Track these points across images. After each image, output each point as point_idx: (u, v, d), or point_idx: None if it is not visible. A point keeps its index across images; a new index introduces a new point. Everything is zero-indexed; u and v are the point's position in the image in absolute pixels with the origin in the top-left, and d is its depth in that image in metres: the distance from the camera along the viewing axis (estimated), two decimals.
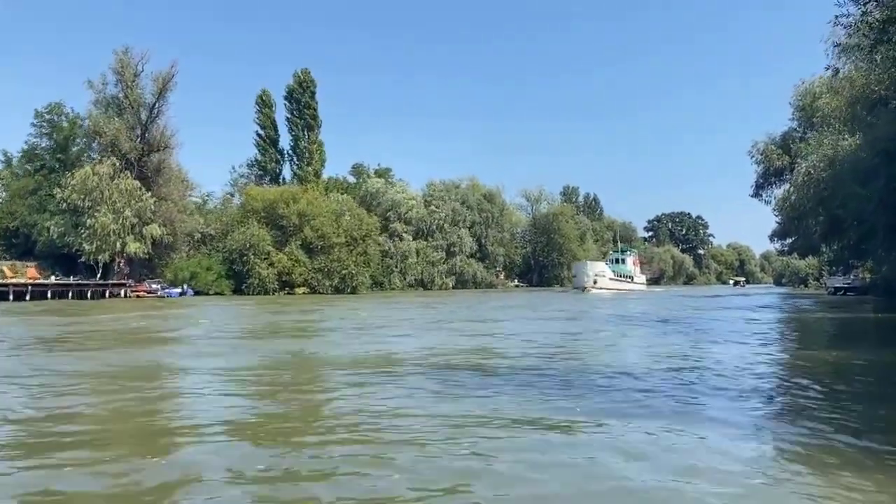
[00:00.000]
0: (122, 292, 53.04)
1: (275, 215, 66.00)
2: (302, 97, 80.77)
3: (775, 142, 56.56)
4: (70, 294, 48.83)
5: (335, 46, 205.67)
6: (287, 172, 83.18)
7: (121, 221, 52.62)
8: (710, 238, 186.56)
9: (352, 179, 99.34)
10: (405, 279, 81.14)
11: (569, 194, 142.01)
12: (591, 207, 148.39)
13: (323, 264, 65.88)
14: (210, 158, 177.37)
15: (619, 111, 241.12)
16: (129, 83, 55.60)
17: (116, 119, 55.32)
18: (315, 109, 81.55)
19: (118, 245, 52.85)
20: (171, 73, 56.71)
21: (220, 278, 61.94)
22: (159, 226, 55.37)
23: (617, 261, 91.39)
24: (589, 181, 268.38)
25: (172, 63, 57.56)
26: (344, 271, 66.54)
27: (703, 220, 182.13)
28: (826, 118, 42.13)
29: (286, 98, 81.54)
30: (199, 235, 66.69)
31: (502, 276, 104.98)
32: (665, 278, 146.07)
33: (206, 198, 79.75)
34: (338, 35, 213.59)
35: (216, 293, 60.16)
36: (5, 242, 61.12)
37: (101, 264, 54.40)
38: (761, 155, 56.60)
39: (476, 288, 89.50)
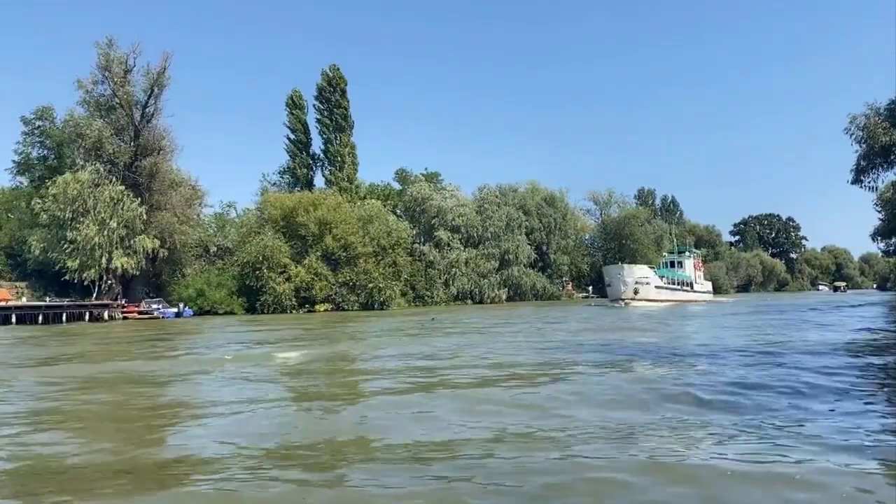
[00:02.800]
0: (107, 314, 46.38)
1: (294, 224, 58.56)
2: (332, 96, 73.49)
3: (879, 114, 44.62)
4: (40, 318, 42.38)
5: (364, 53, 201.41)
6: (320, 179, 76.18)
7: (106, 233, 46.07)
8: (803, 241, 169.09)
9: (397, 186, 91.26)
10: (450, 291, 71.83)
11: (644, 197, 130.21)
12: (670, 211, 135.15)
13: (347, 278, 57.87)
14: (245, 169, 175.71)
15: (699, 116, 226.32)
16: (118, 80, 49.24)
17: (99, 120, 48.97)
18: (346, 109, 74.04)
19: (104, 260, 46.29)
20: (164, 66, 49.96)
21: (231, 296, 54.76)
22: (152, 238, 48.52)
23: (671, 264, 74.35)
24: (667, 184, 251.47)
25: (164, 56, 50.82)
26: (371, 285, 58.26)
27: (794, 221, 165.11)
28: None
29: (316, 98, 74.72)
30: (215, 249, 60.08)
31: (569, 287, 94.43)
32: (754, 285, 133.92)
33: (231, 208, 73.77)
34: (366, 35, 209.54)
35: (226, 312, 53.25)
36: (10, 262, 56.43)
37: (95, 282, 48.14)
38: (862, 131, 44.32)
39: (536, 300, 79.69)
